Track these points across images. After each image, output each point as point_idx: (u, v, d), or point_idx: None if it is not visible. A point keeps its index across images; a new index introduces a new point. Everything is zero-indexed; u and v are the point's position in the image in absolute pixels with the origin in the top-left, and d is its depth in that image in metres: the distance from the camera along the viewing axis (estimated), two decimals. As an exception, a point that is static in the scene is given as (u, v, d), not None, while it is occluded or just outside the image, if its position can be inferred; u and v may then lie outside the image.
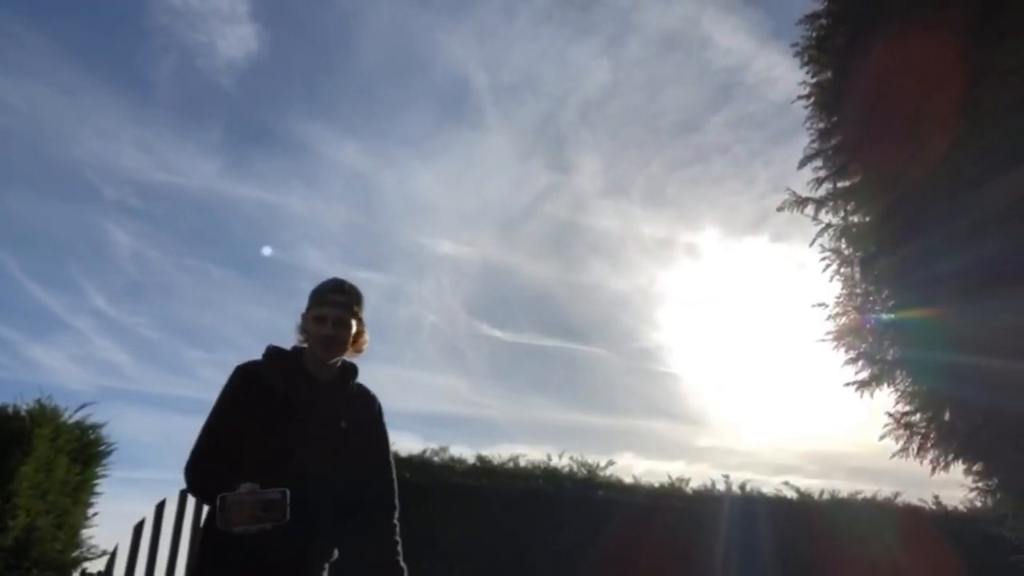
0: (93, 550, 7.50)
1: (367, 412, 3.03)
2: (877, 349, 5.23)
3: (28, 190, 22.26)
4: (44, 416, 6.93)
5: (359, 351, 3.06)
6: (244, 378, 2.82)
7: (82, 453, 7.52)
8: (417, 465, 8.38)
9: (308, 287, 3.03)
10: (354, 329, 2.98)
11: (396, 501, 2.98)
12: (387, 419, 3.09)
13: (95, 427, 7.65)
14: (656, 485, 9.32)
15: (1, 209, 21.35)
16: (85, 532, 7.63)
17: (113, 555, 7.24)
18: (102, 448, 7.73)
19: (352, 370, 3.05)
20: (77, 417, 7.43)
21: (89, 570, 7.17)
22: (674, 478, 9.49)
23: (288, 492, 2.42)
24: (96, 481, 7.78)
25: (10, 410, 6.79)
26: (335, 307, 2.91)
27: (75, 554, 7.36)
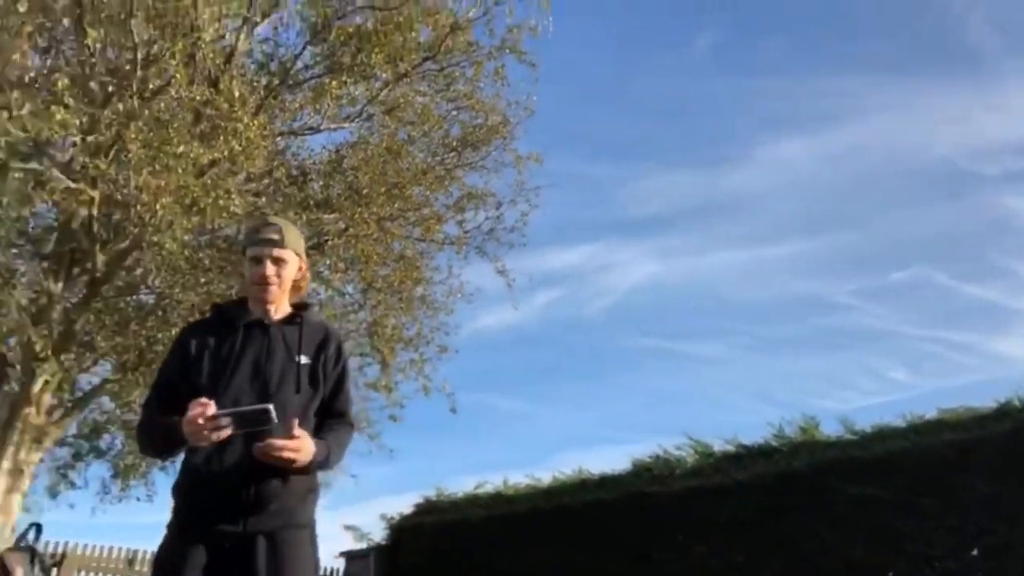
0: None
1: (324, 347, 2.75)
2: None
3: (915, 204, 22.50)
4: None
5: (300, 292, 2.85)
6: (183, 333, 2.78)
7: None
8: None
9: None
10: (294, 267, 2.75)
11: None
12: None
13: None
14: None
15: (908, 232, 21.93)
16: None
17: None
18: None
19: (303, 308, 2.82)
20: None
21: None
22: None
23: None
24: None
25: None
26: (268, 245, 2.69)
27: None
